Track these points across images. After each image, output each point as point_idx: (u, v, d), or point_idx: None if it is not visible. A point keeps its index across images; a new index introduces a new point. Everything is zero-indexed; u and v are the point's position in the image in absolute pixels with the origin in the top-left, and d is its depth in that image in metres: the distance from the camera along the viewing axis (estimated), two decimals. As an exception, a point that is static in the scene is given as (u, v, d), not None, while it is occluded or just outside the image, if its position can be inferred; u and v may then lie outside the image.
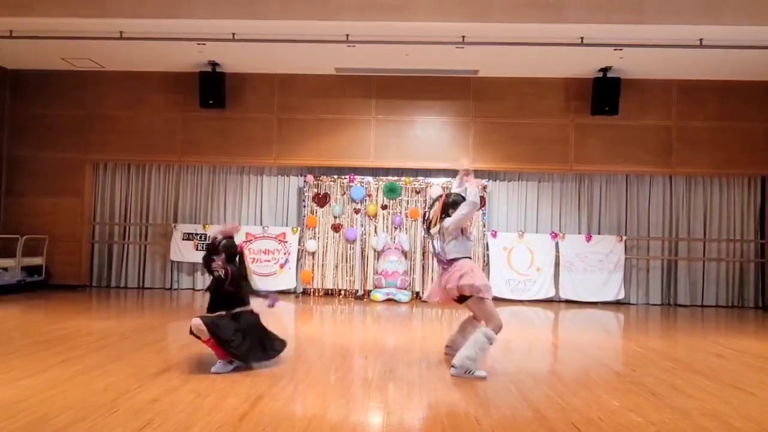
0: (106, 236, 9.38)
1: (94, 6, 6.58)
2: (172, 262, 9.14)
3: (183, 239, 9.04)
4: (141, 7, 6.59)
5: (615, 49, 7.35)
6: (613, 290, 8.69)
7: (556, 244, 8.80)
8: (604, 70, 8.29)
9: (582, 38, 6.91)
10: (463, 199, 4.30)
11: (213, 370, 3.96)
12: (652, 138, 8.73)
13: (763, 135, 8.68)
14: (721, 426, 3.13)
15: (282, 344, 4.33)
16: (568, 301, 8.74)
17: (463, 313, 5.11)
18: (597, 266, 8.71)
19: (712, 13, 6.31)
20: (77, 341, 4.90)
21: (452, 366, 4.10)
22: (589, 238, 8.82)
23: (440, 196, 4.60)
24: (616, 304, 8.70)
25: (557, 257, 8.78)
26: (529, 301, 8.67)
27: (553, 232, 8.90)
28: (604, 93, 8.38)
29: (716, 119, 8.69)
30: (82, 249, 9.09)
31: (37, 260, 8.76)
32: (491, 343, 4.14)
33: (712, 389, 3.90)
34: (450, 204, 4.35)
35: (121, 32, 7.08)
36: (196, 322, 3.94)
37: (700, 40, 6.84)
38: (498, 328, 4.17)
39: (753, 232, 8.96)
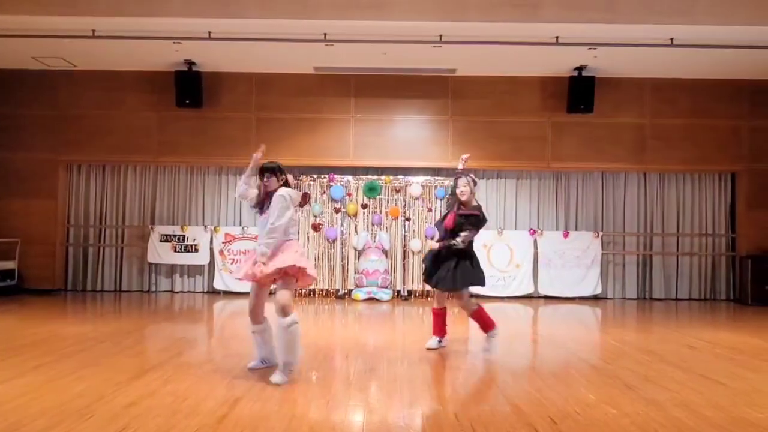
0: (81, 239, 9.21)
1: (65, 3, 6.43)
2: (150, 264, 9.02)
3: (161, 241, 8.92)
4: (114, 4, 6.47)
5: (589, 48, 7.45)
6: (591, 285, 8.83)
7: (535, 241, 8.90)
8: (579, 68, 8.41)
9: (557, 37, 6.99)
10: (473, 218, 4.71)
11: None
12: (627, 135, 8.89)
13: (732, 132, 8.90)
14: (693, 416, 3.21)
15: None
16: (546, 297, 8.85)
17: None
18: (574, 262, 8.84)
19: (683, 12, 6.44)
20: (51, 346, 4.81)
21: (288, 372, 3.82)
22: (566, 235, 8.94)
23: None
24: (594, 299, 8.84)
25: (536, 254, 8.89)
26: (508, 297, 8.76)
27: (531, 229, 9.00)
28: (580, 91, 8.49)
29: (688, 117, 8.88)
30: (56, 252, 8.91)
31: (9, 264, 8.57)
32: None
33: (685, 380, 4.00)
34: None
35: (93, 30, 6.94)
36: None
37: (671, 39, 6.98)
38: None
39: (724, 226, 9.18)
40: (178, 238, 8.92)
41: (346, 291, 8.76)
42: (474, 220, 4.68)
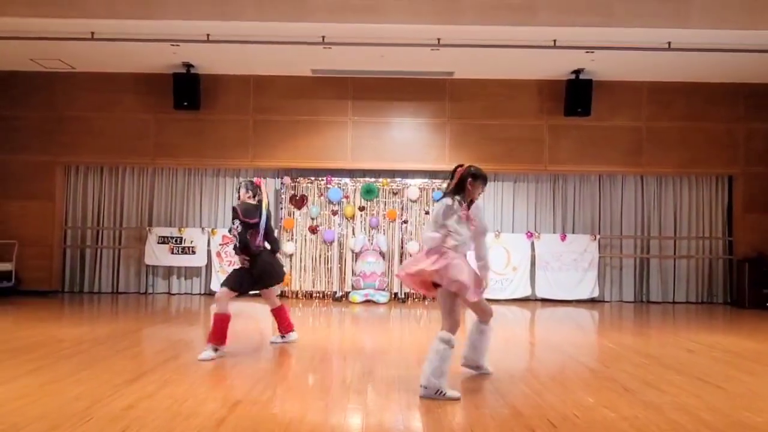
0: (79, 240, 9.19)
1: (63, 6, 6.43)
2: (147, 266, 9.00)
3: (158, 243, 8.91)
4: (112, 7, 6.47)
5: (587, 52, 7.48)
6: (588, 288, 8.85)
7: (532, 244, 8.92)
8: (577, 72, 8.44)
9: (555, 41, 7.02)
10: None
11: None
12: (624, 138, 8.92)
13: (727, 135, 8.94)
14: (692, 419, 3.22)
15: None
16: (543, 300, 8.86)
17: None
18: (572, 265, 8.85)
19: (680, 16, 6.48)
20: (49, 348, 4.79)
21: (421, 386, 3.63)
22: (563, 238, 8.96)
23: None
24: (591, 301, 8.85)
25: (533, 256, 8.90)
26: (505, 300, 8.76)
27: (528, 232, 9.01)
28: (577, 94, 8.52)
29: (684, 120, 8.91)
30: (54, 254, 8.89)
31: (7, 266, 8.53)
32: (451, 346, 3.65)
33: (683, 384, 4.01)
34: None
35: (92, 33, 6.94)
36: None
37: (668, 43, 7.02)
38: (454, 328, 3.72)
39: (721, 229, 9.21)
40: (176, 240, 8.91)
41: (343, 293, 8.76)
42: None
